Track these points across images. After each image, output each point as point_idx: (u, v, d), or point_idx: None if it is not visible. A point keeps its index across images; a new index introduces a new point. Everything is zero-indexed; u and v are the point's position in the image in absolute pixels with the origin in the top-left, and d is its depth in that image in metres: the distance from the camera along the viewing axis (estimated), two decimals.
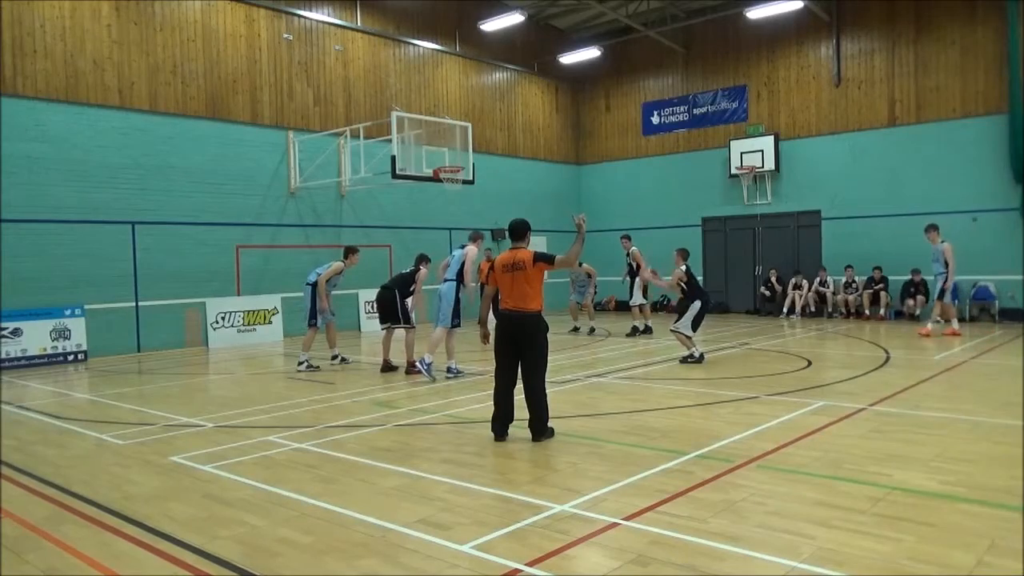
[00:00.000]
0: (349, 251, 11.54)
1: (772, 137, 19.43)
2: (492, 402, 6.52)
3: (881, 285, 17.28)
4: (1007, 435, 6.18)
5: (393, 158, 14.47)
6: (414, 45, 19.09)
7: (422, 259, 11.16)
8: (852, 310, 17.70)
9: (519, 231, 6.65)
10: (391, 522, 4.41)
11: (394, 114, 14.80)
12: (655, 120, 22.07)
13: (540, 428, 6.37)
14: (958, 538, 3.99)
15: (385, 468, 5.64)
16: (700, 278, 20.90)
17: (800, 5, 17.69)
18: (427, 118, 16.03)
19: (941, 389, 8.48)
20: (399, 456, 5.98)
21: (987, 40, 16.58)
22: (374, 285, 17.76)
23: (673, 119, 21.69)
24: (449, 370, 10.02)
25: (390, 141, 14.65)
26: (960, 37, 16.93)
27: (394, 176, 14.70)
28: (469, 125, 16.32)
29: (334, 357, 11.69)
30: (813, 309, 18.33)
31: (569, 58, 21.91)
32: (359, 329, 17.62)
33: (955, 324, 13.75)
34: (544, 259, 6.41)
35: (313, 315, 11.22)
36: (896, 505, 4.52)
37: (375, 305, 11.74)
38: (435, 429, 7.04)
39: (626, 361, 11.39)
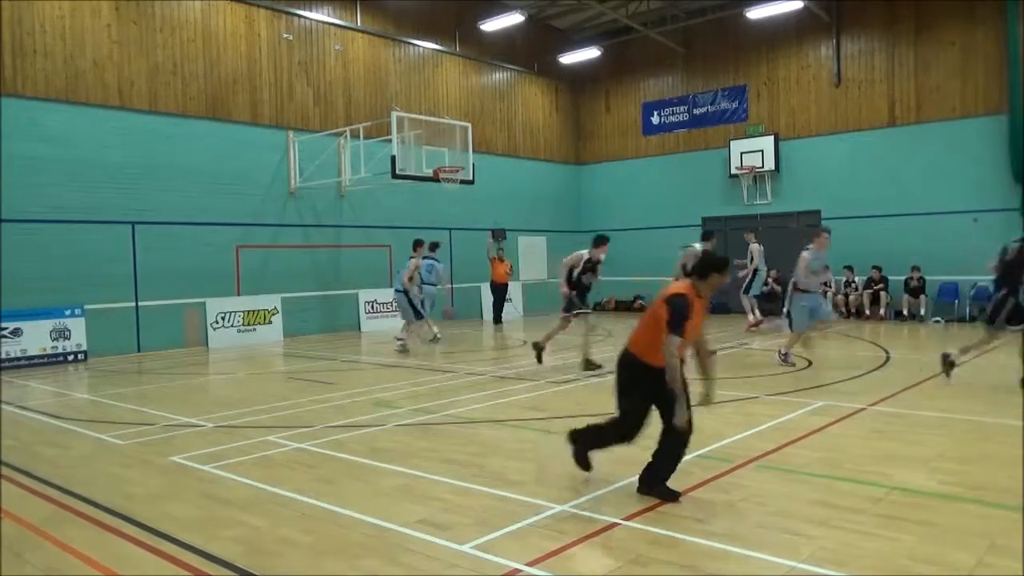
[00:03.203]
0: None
1: (772, 137, 19.42)
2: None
3: (881, 285, 17.29)
4: (1007, 435, 6.18)
5: (393, 158, 14.47)
6: (414, 45, 19.09)
7: (601, 241, 10.60)
8: (852, 310, 17.70)
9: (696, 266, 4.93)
10: (391, 522, 4.41)
11: (394, 114, 14.80)
12: (655, 120, 22.06)
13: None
14: (958, 538, 3.99)
15: (385, 468, 5.64)
16: None
17: (800, 5, 17.68)
18: (427, 118, 16.02)
19: (941, 389, 8.48)
20: (399, 456, 5.98)
21: (987, 40, 16.57)
22: (374, 285, 17.98)
23: (673, 119, 21.69)
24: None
25: (390, 141, 14.65)
26: (960, 37, 16.92)
27: (394, 176, 14.69)
28: (469, 125, 16.32)
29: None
30: None
31: (569, 58, 21.90)
32: (359, 329, 17.62)
33: (753, 315, 15.15)
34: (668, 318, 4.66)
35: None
36: (896, 505, 4.52)
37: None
38: (435, 429, 7.04)
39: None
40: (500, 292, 18.46)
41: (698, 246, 11.61)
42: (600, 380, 9.58)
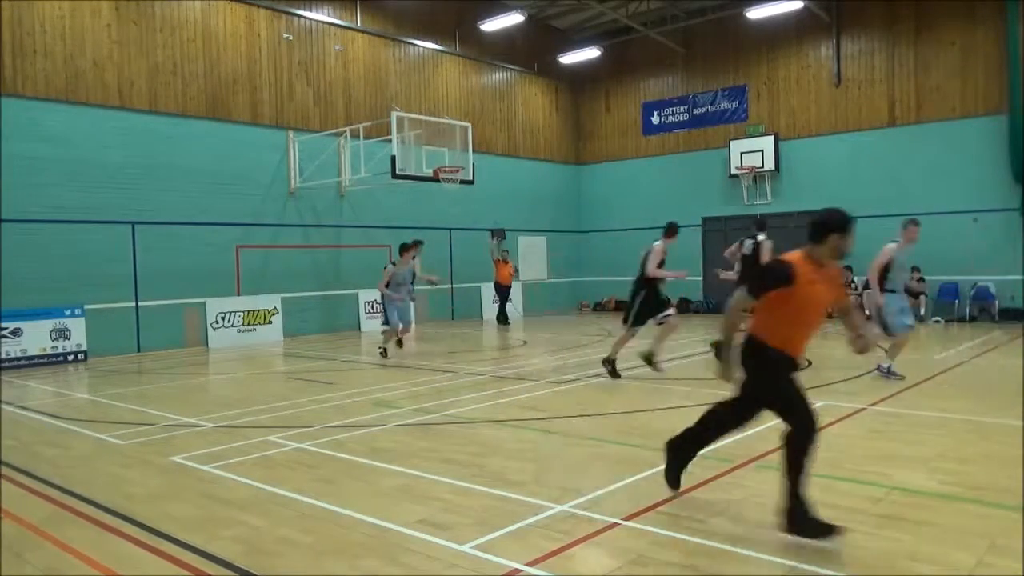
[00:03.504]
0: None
1: (772, 137, 19.43)
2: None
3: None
4: (1007, 435, 6.18)
5: (393, 158, 14.47)
6: (414, 45, 19.09)
7: (671, 230, 9.52)
8: None
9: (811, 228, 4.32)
10: (391, 522, 4.41)
11: (394, 114, 14.81)
12: (655, 120, 22.07)
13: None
14: (958, 538, 3.99)
15: (385, 468, 5.64)
16: (699, 278, 21.04)
17: (800, 5, 17.69)
18: (427, 118, 16.03)
19: (941, 389, 8.48)
20: (399, 456, 5.98)
21: (987, 40, 16.58)
22: (374, 285, 17.82)
23: (673, 119, 21.69)
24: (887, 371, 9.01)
25: (390, 141, 14.65)
26: (960, 37, 16.93)
27: (394, 176, 14.70)
28: (469, 125, 16.33)
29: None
30: None
31: (569, 58, 21.91)
32: (359, 329, 17.62)
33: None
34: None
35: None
36: (896, 505, 4.52)
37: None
38: (435, 429, 7.03)
39: (627, 361, 11.37)
40: (504, 293, 18.52)
41: (762, 236, 11.18)
42: (600, 380, 9.58)
